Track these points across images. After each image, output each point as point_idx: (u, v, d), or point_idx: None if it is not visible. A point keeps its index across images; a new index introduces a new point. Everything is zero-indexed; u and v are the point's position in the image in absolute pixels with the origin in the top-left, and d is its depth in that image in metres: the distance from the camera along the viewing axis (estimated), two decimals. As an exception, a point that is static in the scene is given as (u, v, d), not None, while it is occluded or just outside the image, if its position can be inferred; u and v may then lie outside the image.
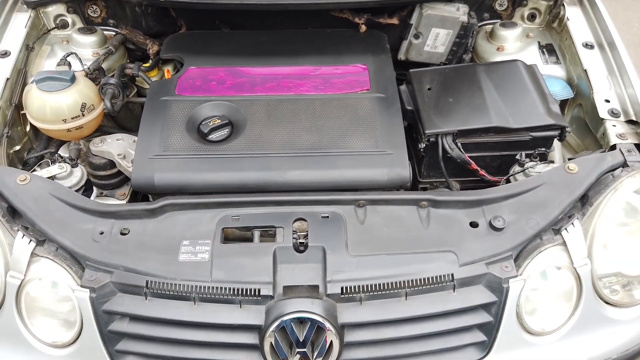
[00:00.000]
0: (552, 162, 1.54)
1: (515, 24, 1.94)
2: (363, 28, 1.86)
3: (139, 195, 1.69)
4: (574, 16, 1.87)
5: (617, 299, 1.37)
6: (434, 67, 1.79)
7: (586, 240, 1.32)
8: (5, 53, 1.69)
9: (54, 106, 1.55)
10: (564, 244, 1.31)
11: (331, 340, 1.20)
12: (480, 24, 1.97)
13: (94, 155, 1.61)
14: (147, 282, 1.22)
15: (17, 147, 1.66)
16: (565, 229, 1.32)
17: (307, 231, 1.31)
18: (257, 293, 1.21)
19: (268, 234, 1.33)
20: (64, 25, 1.91)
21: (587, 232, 1.33)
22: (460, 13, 1.84)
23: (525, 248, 1.31)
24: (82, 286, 1.23)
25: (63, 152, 1.69)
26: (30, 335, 1.28)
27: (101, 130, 1.76)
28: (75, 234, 1.29)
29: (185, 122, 1.52)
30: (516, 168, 1.51)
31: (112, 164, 1.61)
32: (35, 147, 1.74)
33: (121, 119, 1.87)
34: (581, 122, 1.76)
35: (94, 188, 1.63)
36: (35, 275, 1.27)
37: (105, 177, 1.62)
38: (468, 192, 1.41)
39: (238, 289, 1.21)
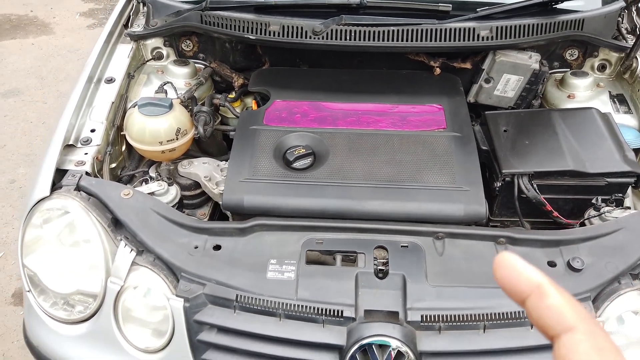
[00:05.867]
0: (629, 207, 1.56)
1: (587, 73, 1.99)
2: (437, 71, 1.95)
3: (215, 215, 1.79)
4: (646, 68, 1.91)
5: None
6: (510, 111, 1.85)
7: None
8: (111, 79, 1.86)
9: (152, 129, 1.69)
10: (643, 289, 1.32)
11: (410, 366, 1.23)
12: (550, 72, 2.03)
13: (180, 176, 1.73)
14: (236, 296, 1.30)
15: (113, 165, 1.80)
16: (645, 274, 1.33)
17: (387, 259, 1.36)
18: (340, 314, 1.26)
19: (349, 259, 1.39)
20: (159, 57, 2.09)
21: (666, 279, 1.34)
22: (532, 61, 1.90)
23: (603, 291, 1.32)
24: (177, 295, 1.32)
25: (152, 172, 1.82)
26: (124, 339, 1.37)
27: (187, 154, 1.89)
28: (172, 246, 1.39)
29: (272, 150, 1.62)
30: (592, 212, 1.53)
31: (197, 185, 1.72)
32: (128, 165, 1.89)
33: (205, 144, 2.00)
34: (654, 172, 1.76)
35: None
36: (133, 283, 1.37)
37: (190, 197, 1.73)
38: (546, 231, 1.45)
39: (322, 309, 1.27)
